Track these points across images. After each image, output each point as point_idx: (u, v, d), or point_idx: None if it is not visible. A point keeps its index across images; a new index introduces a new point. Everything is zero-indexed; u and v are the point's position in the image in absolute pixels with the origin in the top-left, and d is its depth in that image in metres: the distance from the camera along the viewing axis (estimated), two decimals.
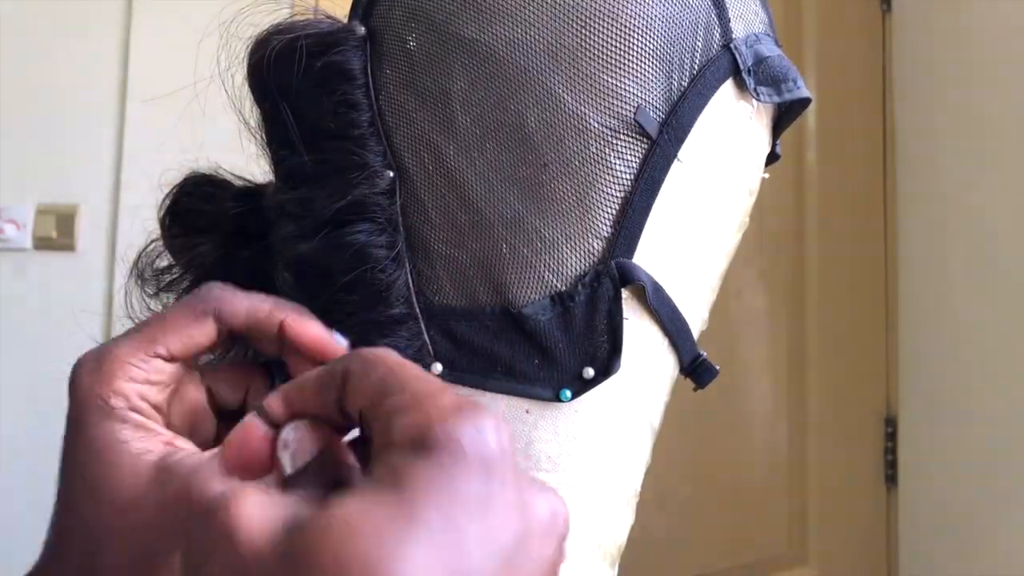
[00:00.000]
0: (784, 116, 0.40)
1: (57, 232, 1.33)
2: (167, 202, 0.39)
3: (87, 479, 0.28)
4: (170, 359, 0.31)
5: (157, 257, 0.39)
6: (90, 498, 0.28)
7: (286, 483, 0.25)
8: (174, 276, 0.39)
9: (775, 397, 1.49)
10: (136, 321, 0.39)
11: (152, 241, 0.39)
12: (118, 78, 1.37)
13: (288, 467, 0.25)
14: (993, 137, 1.25)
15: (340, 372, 0.25)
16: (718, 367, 0.37)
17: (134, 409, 0.29)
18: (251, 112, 0.37)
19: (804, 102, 0.39)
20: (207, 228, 0.38)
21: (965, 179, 1.31)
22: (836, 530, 1.48)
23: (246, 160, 0.40)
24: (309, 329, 0.31)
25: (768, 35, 0.38)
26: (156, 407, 0.30)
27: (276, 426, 0.26)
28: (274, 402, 0.26)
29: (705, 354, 0.37)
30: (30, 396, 1.39)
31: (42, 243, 1.33)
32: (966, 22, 1.32)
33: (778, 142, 0.41)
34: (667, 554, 1.29)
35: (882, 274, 1.53)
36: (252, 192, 0.38)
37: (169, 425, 0.30)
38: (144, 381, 0.30)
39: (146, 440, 0.28)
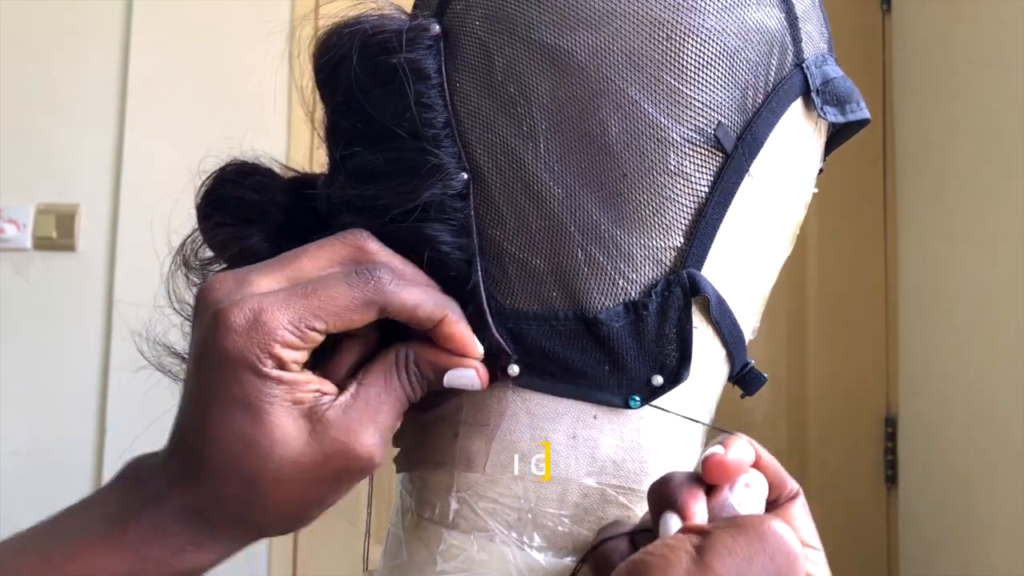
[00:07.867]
0: (838, 134, 0.41)
1: (57, 232, 1.33)
2: (204, 189, 0.38)
3: (242, 433, 0.30)
4: (324, 333, 0.31)
5: (202, 246, 0.38)
6: (248, 450, 0.30)
7: None
8: (222, 267, 0.38)
9: (775, 397, 1.49)
10: (176, 308, 0.39)
11: (196, 229, 0.38)
12: (118, 78, 1.37)
13: None
14: (993, 137, 1.24)
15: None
16: (766, 375, 0.38)
17: (286, 368, 0.30)
18: (314, 105, 0.36)
19: (863, 123, 0.39)
20: (255, 219, 0.37)
21: (965, 179, 1.31)
22: (836, 530, 1.48)
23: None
24: (462, 330, 0.33)
25: (831, 55, 0.39)
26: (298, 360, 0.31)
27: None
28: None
29: (753, 362, 0.37)
30: (30, 395, 1.39)
31: (42, 243, 1.33)
32: (966, 22, 1.32)
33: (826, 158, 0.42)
34: None
35: (882, 274, 1.53)
36: (302, 183, 0.37)
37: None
38: (299, 348, 0.31)
39: (295, 390, 0.30)
